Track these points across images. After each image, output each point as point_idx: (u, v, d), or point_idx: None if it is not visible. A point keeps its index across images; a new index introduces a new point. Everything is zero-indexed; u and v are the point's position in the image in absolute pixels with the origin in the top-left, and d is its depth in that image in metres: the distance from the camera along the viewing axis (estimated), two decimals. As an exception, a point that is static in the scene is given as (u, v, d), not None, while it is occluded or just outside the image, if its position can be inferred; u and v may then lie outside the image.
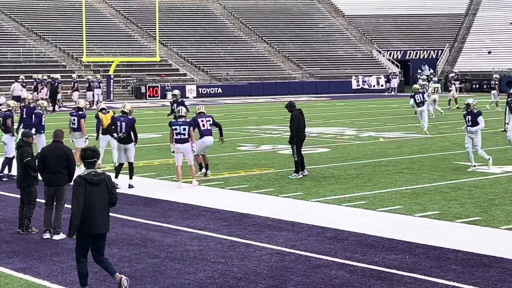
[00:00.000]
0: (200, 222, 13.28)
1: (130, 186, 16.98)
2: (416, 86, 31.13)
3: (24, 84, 45.38)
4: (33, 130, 19.46)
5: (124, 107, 17.52)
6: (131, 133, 17.12)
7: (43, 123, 19.22)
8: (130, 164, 17.17)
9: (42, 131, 19.11)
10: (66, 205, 12.82)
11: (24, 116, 19.96)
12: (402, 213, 13.82)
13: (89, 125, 20.51)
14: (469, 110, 18.66)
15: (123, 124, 17.10)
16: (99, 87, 47.82)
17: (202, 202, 15.14)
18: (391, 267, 10.26)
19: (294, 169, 18.13)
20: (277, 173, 18.88)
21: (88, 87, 46.85)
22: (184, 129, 17.01)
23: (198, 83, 58.96)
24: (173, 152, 17.41)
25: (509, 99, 20.45)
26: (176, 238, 12.13)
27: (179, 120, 17.20)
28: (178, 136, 17.05)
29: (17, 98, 40.72)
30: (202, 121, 18.27)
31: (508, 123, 20.47)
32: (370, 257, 10.82)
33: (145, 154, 22.82)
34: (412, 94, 29.54)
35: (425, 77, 48.59)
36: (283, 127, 31.23)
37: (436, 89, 36.99)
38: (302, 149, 18.32)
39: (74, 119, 19.65)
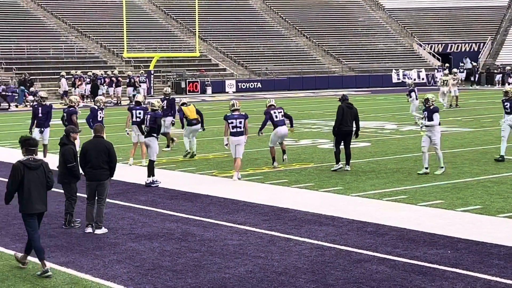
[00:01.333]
0: (240, 217, 13.31)
1: (147, 185, 16.60)
2: (409, 81, 33.09)
3: (68, 79, 46.46)
4: (37, 131, 20.25)
5: (152, 105, 17.54)
6: (155, 127, 17.04)
7: (99, 119, 19.36)
8: (150, 162, 16.86)
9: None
10: (107, 200, 12.96)
11: (40, 114, 20.31)
12: (444, 208, 13.69)
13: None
14: (427, 106, 17.41)
15: (148, 116, 17.24)
16: (145, 82, 48.20)
17: (242, 196, 15.17)
18: (433, 262, 10.18)
19: (335, 160, 18.30)
20: (317, 167, 18.84)
21: (129, 83, 47.20)
22: (240, 122, 17.31)
23: (237, 78, 59.05)
24: (227, 145, 17.54)
25: (503, 98, 19.50)
26: (216, 232, 12.18)
27: (234, 113, 17.40)
28: (234, 130, 17.29)
29: (65, 93, 42.01)
30: (275, 112, 18.68)
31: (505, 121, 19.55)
32: (411, 251, 10.75)
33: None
34: (411, 89, 30.27)
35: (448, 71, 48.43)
36: (323, 121, 31.15)
37: (445, 82, 36.82)
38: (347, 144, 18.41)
39: (139, 113, 19.68)
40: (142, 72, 49.43)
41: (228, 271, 9.95)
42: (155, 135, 16.97)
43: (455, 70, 42.87)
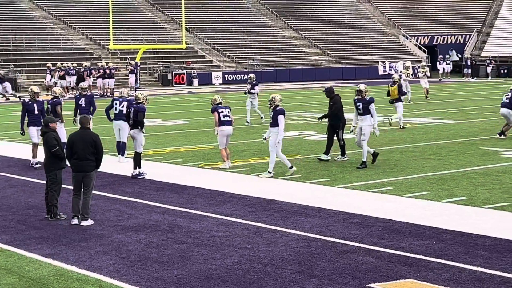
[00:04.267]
0: (226, 208, 13.32)
1: (134, 177, 16.59)
2: (252, 75, 28.89)
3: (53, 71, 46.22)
4: (35, 130, 18.47)
5: (136, 98, 17.38)
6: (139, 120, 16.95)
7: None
8: (136, 153, 16.80)
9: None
10: (93, 191, 12.93)
11: (36, 111, 18.46)
12: (429, 199, 13.75)
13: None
14: (271, 107, 16.94)
15: (132, 108, 17.20)
16: (134, 72, 48.09)
17: (228, 188, 15.18)
18: (418, 253, 10.23)
19: (340, 152, 18.60)
20: (303, 159, 18.86)
21: (110, 74, 46.87)
22: (229, 112, 17.86)
23: (224, 70, 58.99)
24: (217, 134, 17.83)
25: (355, 98, 17.87)
26: (202, 224, 12.18)
27: (220, 105, 17.88)
28: (225, 118, 17.72)
29: (56, 85, 41.89)
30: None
31: (355, 125, 18.71)
32: (396, 242, 10.79)
33: (171, 141, 22.91)
34: (254, 83, 27.91)
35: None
36: (309, 113, 31.19)
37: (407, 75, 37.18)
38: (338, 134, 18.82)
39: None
40: (131, 63, 49.50)
41: (214, 262, 9.97)
42: (140, 127, 16.95)
43: (423, 63, 42.86)
